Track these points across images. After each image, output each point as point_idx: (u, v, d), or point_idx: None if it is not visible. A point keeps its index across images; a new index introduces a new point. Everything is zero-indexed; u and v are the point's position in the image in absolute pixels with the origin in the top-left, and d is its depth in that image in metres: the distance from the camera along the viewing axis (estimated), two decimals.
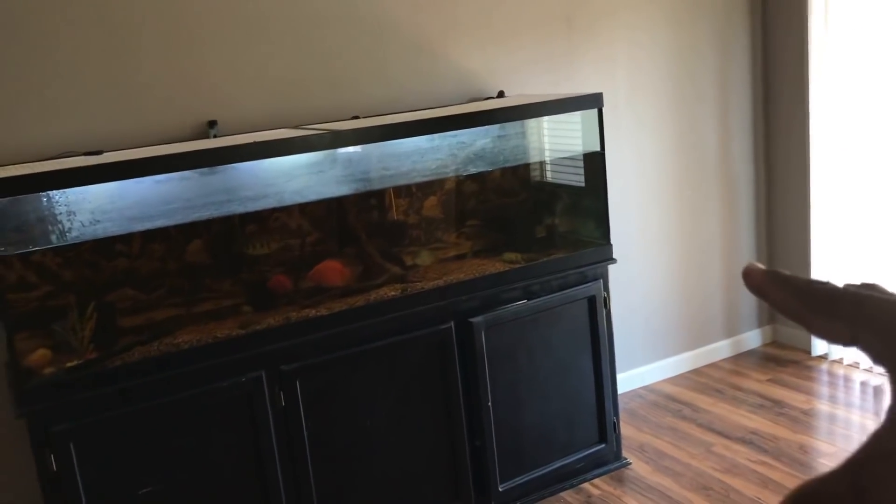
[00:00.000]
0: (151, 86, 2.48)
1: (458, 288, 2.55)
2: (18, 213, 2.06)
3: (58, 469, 2.04)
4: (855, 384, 3.41)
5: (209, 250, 2.49)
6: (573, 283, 2.73)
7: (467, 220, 2.90)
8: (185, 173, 2.26)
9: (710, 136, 3.61)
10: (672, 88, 3.46)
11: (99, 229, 2.13)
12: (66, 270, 2.30)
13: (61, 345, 2.20)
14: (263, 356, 2.26)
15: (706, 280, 3.73)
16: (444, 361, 2.52)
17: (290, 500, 2.32)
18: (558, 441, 2.78)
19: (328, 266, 2.55)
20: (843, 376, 3.49)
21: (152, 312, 2.39)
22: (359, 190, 2.62)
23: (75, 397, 2.06)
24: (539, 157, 2.96)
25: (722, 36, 3.56)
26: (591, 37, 3.24)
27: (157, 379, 2.14)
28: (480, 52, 3.00)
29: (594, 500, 2.74)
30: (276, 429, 2.27)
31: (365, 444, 2.43)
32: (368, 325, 2.41)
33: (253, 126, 2.61)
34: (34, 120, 2.35)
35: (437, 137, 2.64)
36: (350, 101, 2.78)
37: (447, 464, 2.58)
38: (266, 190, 2.44)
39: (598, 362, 2.81)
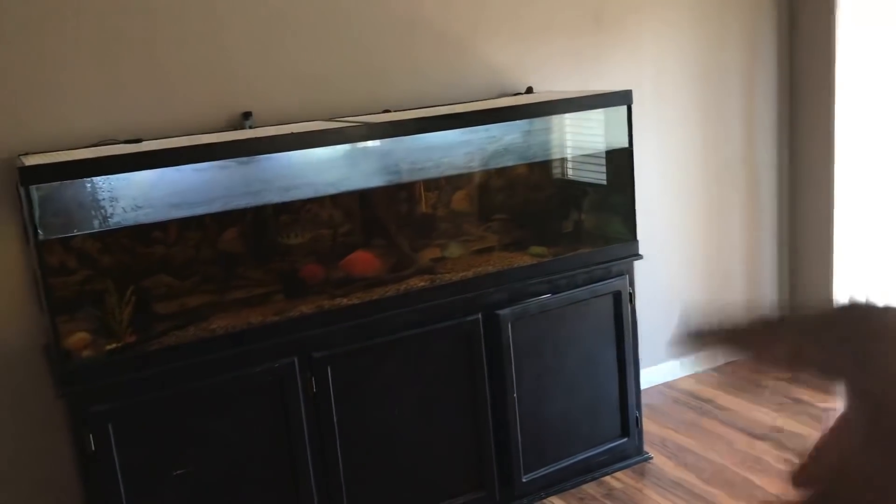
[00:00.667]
0: (189, 77, 2.53)
1: (486, 280, 2.58)
2: (62, 199, 2.11)
3: (96, 449, 2.09)
4: None
5: (243, 239, 2.54)
6: (599, 278, 2.76)
7: (494, 214, 2.93)
8: (221, 163, 2.30)
9: (734, 136, 3.63)
10: (698, 87, 3.48)
11: (140, 215, 2.18)
12: (105, 256, 2.36)
13: (99, 328, 2.25)
14: (296, 343, 2.30)
15: (728, 277, 3.74)
16: (471, 352, 2.55)
17: (318, 485, 2.36)
18: (581, 434, 2.81)
19: (359, 256, 2.59)
20: None
21: (186, 299, 2.44)
22: (389, 182, 2.66)
23: (114, 379, 2.12)
24: (566, 152, 2.99)
25: (748, 34, 3.57)
26: (619, 34, 3.26)
27: (193, 363, 2.19)
28: (510, 48, 3.03)
29: (616, 493, 2.77)
30: (306, 414, 2.32)
31: (392, 431, 2.47)
32: (398, 314, 2.45)
33: (286, 118, 2.65)
34: (75, 108, 2.40)
35: (466, 132, 2.67)
36: (381, 94, 2.82)
37: (472, 454, 2.61)
38: (299, 181, 2.48)
39: (622, 357, 2.84)
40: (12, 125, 2.33)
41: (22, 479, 2.47)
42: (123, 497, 2.12)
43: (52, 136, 2.37)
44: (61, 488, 2.51)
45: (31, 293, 2.41)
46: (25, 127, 2.34)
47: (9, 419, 2.43)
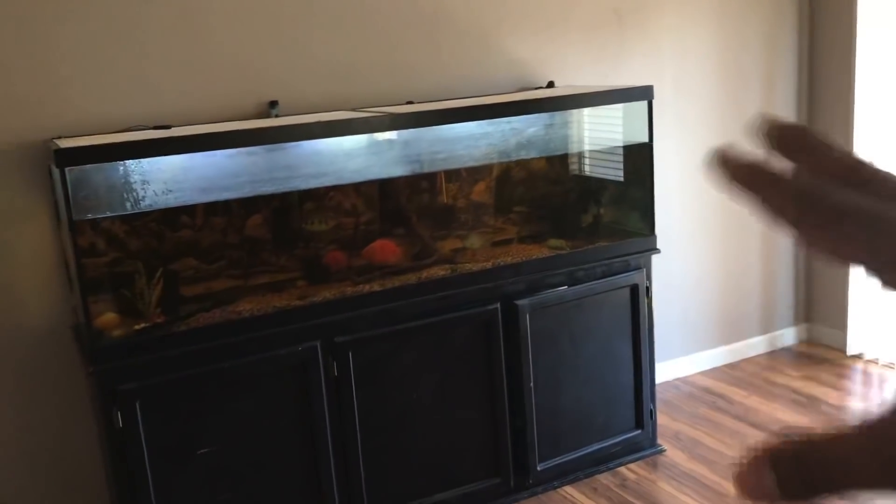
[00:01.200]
0: (217, 66, 2.58)
1: (506, 271, 2.62)
2: (95, 182, 2.17)
3: (123, 426, 2.15)
4: (890, 384, 3.44)
5: (268, 225, 2.59)
6: (617, 271, 2.79)
7: (514, 207, 2.97)
8: (249, 150, 2.36)
9: (752, 134, 3.64)
10: (717, 84, 3.51)
11: (170, 199, 2.23)
12: (133, 239, 2.41)
13: (127, 309, 2.31)
14: (319, 327, 2.35)
15: (744, 276, 3.77)
16: (489, 341, 2.59)
17: (338, 466, 2.41)
18: (596, 425, 2.85)
19: (381, 245, 2.63)
20: (878, 375, 3.51)
21: (212, 282, 2.49)
22: (411, 172, 2.70)
23: (142, 359, 2.17)
24: (586, 147, 3.03)
25: (768, 33, 3.59)
26: (640, 31, 3.29)
27: (219, 345, 2.24)
28: (532, 42, 3.07)
29: (629, 483, 2.81)
30: (328, 397, 2.37)
31: (411, 416, 2.52)
32: (418, 302, 2.49)
33: (311, 108, 2.70)
34: (105, 95, 2.45)
35: (488, 124, 2.71)
36: (404, 86, 2.86)
37: (488, 441, 2.65)
38: (324, 169, 2.54)
39: (638, 350, 2.88)
40: (43, 110, 2.38)
41: (46, 455, 2.53)
42: (149, 473, 2.18)
43: (81, 122, 2.43)
44: (84, 464, 2.58)
45: (59, 274, 2.47)
46: (56, 112, 2.40)
47: (37, 397, 2.49)
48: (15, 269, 2.43)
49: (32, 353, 2.47)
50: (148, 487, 2.19)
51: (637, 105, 2.83)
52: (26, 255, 2.44)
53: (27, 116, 2.37)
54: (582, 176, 3.10)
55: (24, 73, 2.35)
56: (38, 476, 2.53)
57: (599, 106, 2.84)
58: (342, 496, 2.43)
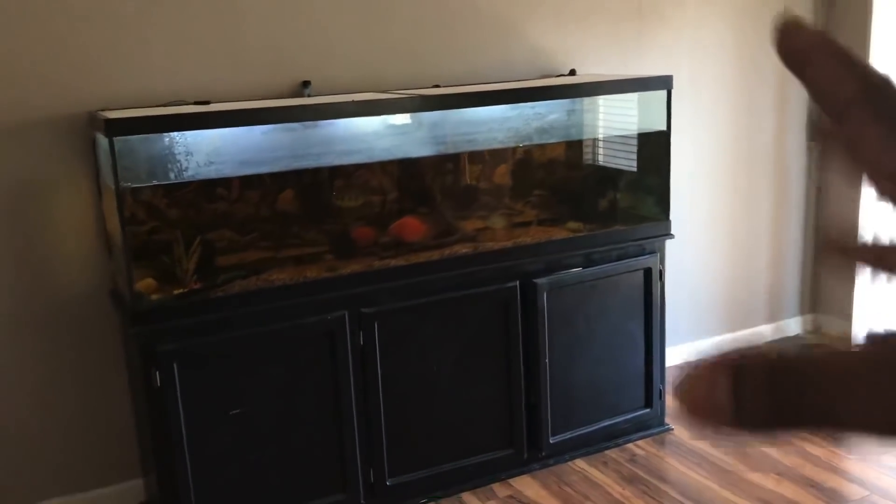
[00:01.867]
0: (254, 45, 2.69)
1: (525, 250, 2.73)
2: (140, 152, 2.28)
3: (161, 385, 2.26)
4: None
5: (299, 200, 2.70)
6: (632, 255, 2.90)
7: (534, 190, 3.07)
8: (282, 127, 2.47)
9: (766, 126, 3.74)
10: (733, 77, 3.60)
11: (210, 171, 2.34)
12: (172, 209, 2.52)
13: (165, 276, 2.42)
14: (347, 298, 2.46)
15: (752, 265, 3.86)
16: (507, 317, 2.70)
17: (361, 431, 2.53)
18: (607, 402, 2.96)
19: (407, 222, 2.74)
20: None
21: (244, 253, 2.60)
22: (437, 153, 2.81)
23: (180, 322, 2.29)
24: (605, 134, 3.13)
25: None
26: (660, 23, 3.38)
27: (253, 311, 2.35)
28: (555, 31, 3.16)
29: (638, 458, 2.92)
30: (353, 365, 2.48)
31: (431, 387, 2.63)
32: (441, 277, 2.60)
33: (342, 89, 2.80)
34: (146, 70, 2.56)
35: (511, 109, 2.81)
36: (431, 71, 2.96)
37: (503, 413, 2.77)
38: (354, 147, 2.64)
39: (650, 331, 2.98)
40: (86, 83, 2.49)
41: (81, 413, 2.65)
42: (184, 431, 2.30)
43: (123, 96, 2.53)
44: (116, 422, 2.70)
45: (99, 241, 2.58)
46: (99, 86, 2.50)
47: (74, 358, 2.61)
48: (57, 236, 2.54)
49: (72, 315, 2.59)
50: (182, 444, 2.31)
51: (655, 94, 2.93)
52: (68, 222, 2.55)
53: (72, 89, 2.48)
54: (600, 162, 3.20)
55: (69, 47, 2.46)
56: (73, 431, 2.65)
57: (620, 94, 2.93)
58: (364, 459, 2.55)
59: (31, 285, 2.53)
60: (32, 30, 2.41)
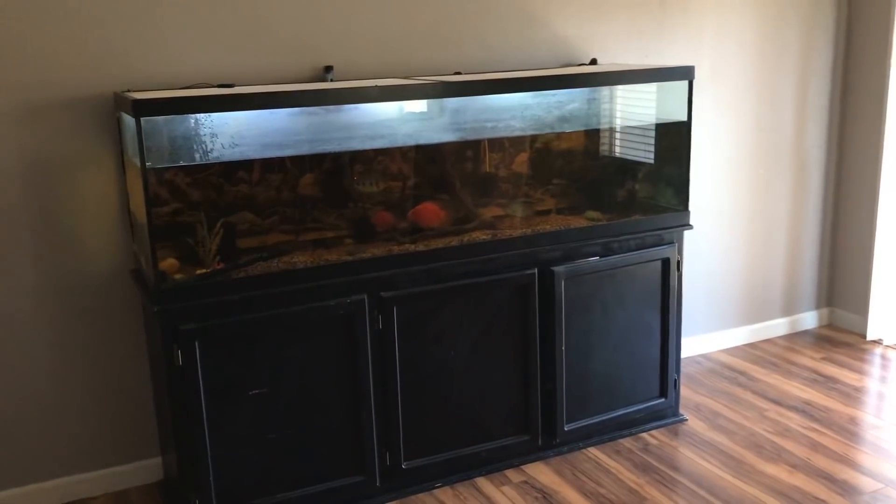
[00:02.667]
0: (277, 30, 2.70)
1: (544, 238, 2.74)
2: (165, 133, 2.30)
3: (182, 363, 2.29)
4: None
5: (319, 185, 2.72)
6: (650, 245, 2.90)
7: (553, 178, 3.08)
8: (304, 111, 2.48)
9: (786, 119, 3.73)
10: (754, 69, 3.59)
11: (235, 153, 2.36)
12: (195, 190, 2.55)
13: (187, 256, 2.45)
14: (366, 282, 2.48)
15: (769, 258, 3.86)
16: (525, 304, 2.72)
17: (378, 414, 2.55)
18: (622, 391, 2.97)
19: (427, 207, 2.76)
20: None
21: (265, 236, 2.62)
22: (457, 140, 2.82)
23: (203, 301, 2.31)
24: (625, 123, 3.13)
25: (806, 22, 3.66)
26: (681, 14, 3.37)
27: (274, 292, 2.37)
28: (576, 20, 3.16)
29: (651, 448, 2.93)
30: (372, 348, 2.50)
31: (447, 371, 2.65)
32: (460, 263, 2.62)
33: (365, 74, 2.81)
34: (170, 52, 2.58)
35: (532, 97, 2.82)
36: (453, 58, 2.97)
37: (519, 399, 2.78)
38: (374, 132, 2.66)
39: (666, 321, 2.99)
40: (112, 64, 2.51)
41: (101, 389, 2.69)
42: (203, 409, 2.33)
43: (148, 77, 2.55)
44: (136, 398, 2.74)
45: (122, 220, 2.61)
46: (124, 66, 2.52)
47: (96, 335, 2.65)
48: (80, 215, 2.57)
49: (93, 294, 2.62)
50: (202, 423, 2.33)
51: (676, 85, 2.92)
52: (91, 201, 2.58)
53: (97, 70, 2.50)
54: (619, 151, 3.20)
55: (95, 28, 2.48)
56: (93, 409, 2.69)
57: (641, 84, 2.93)
58: (381, 441, 2.58)
59: (55, 263, 2.56)
60: (60, 11, 2.43)
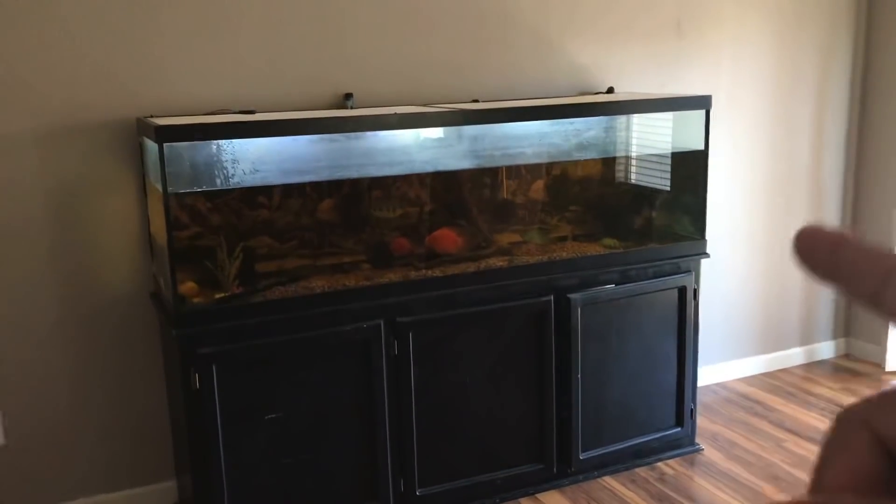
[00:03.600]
0: (298, 57, 2.74)
1: (560, 265, 2.74)
2: (187, 159, 2.33)
3: (200, 387, 2.30)
4: None
5: (337, 210, 2.74)
6: (667, 273, 2.90)
7: (570, 206, 3.09)
8: (323, 138, 2.51)
9: (803, 148, 3.73)
10: (770, 98, 3.60)
11: (256, 178, 2.39)
12: (214, 215, 2.57)
13: (205, 280, 2.47)
14: (383, 307, 2.49)
15: (786, 287, 3.84)
16: (541, 331, 2.72)
17: (393, 440, 2.55)
18: (638, 420, 2.95)
19: (444, 234, 2.77)
20: None
21: (284, 261, 2.64)
22: (474, 167, 2.84)
23: (221, 326, 2.33)
24: (642, 151, 3.14)
25: (823, 51, 3.67)
26: (699, 42, 3.39)
27: (292, 317, 2.39)
28: (594, 49, 3.19)
29: (667, 478, 2.91)
30: (387, 373, 2.50)
31: (463, 398, 2.65)
32: (476, 290, 2.63)
33: (384, 101, 2.84)
34: (192, 78, 2.62)
35: (548, 125, 2.84)
36: (471, 86, 2.99)
37: (534, 427, 2.77)
38: (392, 159, 2.68)
39: (683, 350, 2.98)
40: (136, 90, 2.55)
41: (118, 411, 2.70)
42: (220, 433, 2.33)
43: (171, 103, 2.59)
44: (153, 421, 2.74)
45: (142, 243, 2.64)
46: (147, 92, 2.56)
47: (114, 357, 2.66)
48: (102, 237, 2.60)
49: (112, 316, 2.64)
50: (218, 446, 2.34)
51: (693, 114, 2.93)
52: (113, 224, 2.61)
53: (121, 96, 2.54)
54: (636, 179, 3.21)
55: (119, 55, 2.52)
56: (110, 430, 2.70)
57: (658, 112, 2.95)
58: (395, 468, 2.57)
59: (75, 284, 2.58)
60: (86, 38, 2.47)
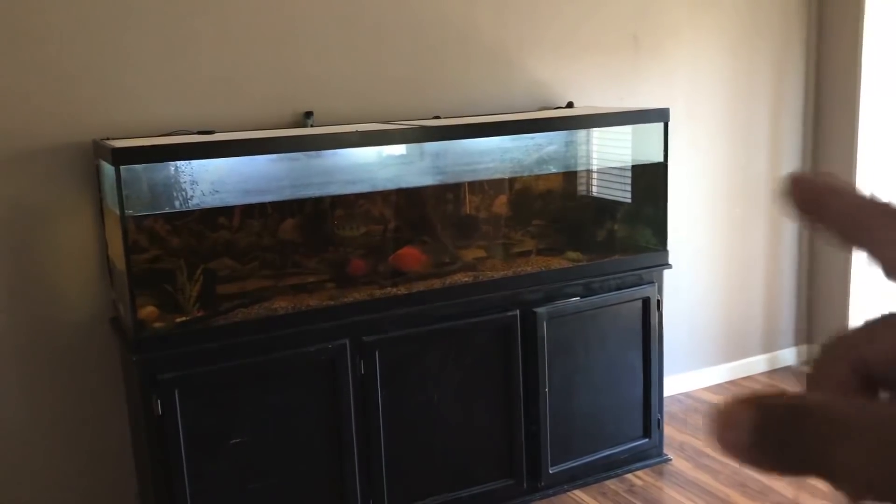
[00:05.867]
0: (256, 76, 2.72)
1: (525, 279, 2.74)
2: (143, 180, 2.29)
3: (162, 413, 2.26)
4: None
5: (300, 229, 2.72)
6: (630, 284, 2.92)
7: (533, 220, 3.10)
8: (283, 157, 2.49)
9: (760, 158, 3.79)
10: (727, 109, 3.65)
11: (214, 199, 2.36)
12: (174, 237, 2.53)
13: (166, 304, 2.43)
14: (348, 326, 2.47)
15: (747, 296, 3.89)
16: (508, 346, 2.71)
17: (361, 460, 2.52)
18: (606, 432, 2.96)
19: (407, 252, 2.76)
20: None
21: (245, 282, 2.61)
22: (437, 183, 2.84)
23: (182, 350, 2.29)
24: (603, 164, 3.16)
25: (777, 63, 3.74)
26: (656, 56, 3.44)
27: (254, 339, 2.36)
28: (553, 64, 3.21)
29: (637, 489, 2.91)
30: (354, 393, 2.48)
31: (431, 415, 2.63)
32: (442, 306, 2.62)
33: (344, 119, 2.83)
34: (149, 100, 2.58)
35: (510, 140, 2.85)
36: (432, 103, 3.00)
37: (503, 443, 2.76)
38: (354, 177, 2.67)
39: (648, 361, 2.99)
40: (90, 112, 2.51)
41: (79, 441, 2.63)
42: (184, 459, 2.29)
43: (128, 125, 2.56)
44: (114, 450, 2.68)
45: (101, 268, 2.59)
46: (104, 115, 2.52)
47: (73, 385, 2.60)
48: (58, 262, 2.55)
49: (71, 342, 2.59)
50: (182, 473, 2.29)
51: (652, 126, 2.97)
52: (70, 248, 2.56)
53: (75, 118, 2.50)
54: (598, 192, 3.23)
55: (73, 77, 2.48)
56: (71, 459, 2.63)
57: (617, 126, 2.98)
58: (364, 489, 2.54)
59: (32, 311, 2.52)
60: (37, 60, 2.43)
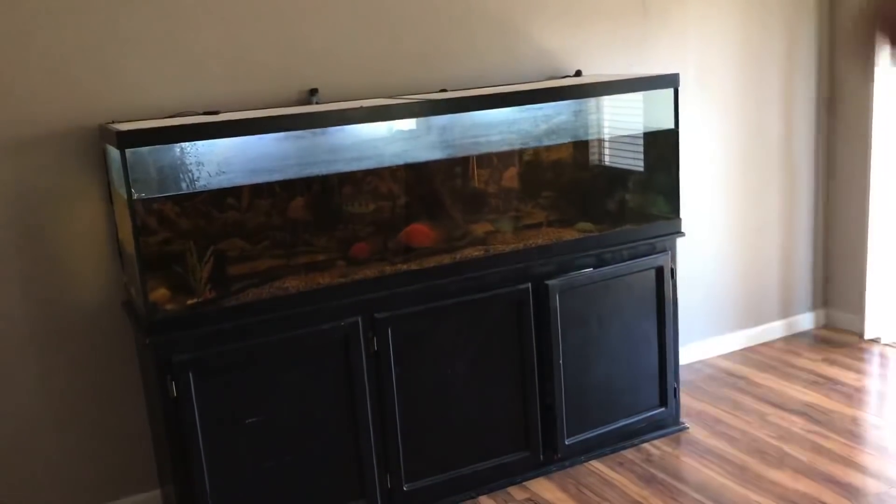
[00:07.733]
0: (260, 55, 2.69)
1: (536, 252, 2.73)
2: (150, 163, 2.28)
3: (177, 395, 2.27)
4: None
5: (309, 208, 2.70)
6: (643, 254, 2.89)
7: (543, 192, 3.07)
8: (290, 135, 2.46)
9: (774, 122, 3.73)
10: (739, 73, 3.59)
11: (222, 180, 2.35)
12: (183, 219, 2.53)
13: (177, 286, 2.43)
14: (360, 304, 2.46)
15: (763, 262, 3.86)
16: (521, 319, 2.70)
17: (377, 436, 2.53)
18: (622, 402, 2.95)
19: (416, 228, 2.74)
20: (895, 358, 3.60)
21: (256, 262, 2.60)
22: (445, 157, 2.81)
23: (195, 331, 2.29)
24: (613, 133, 3.12)
25: (790, 25, 3.67)
26: (665, 21, 3.38)
27: (267, 319, 2.36)
28: (561, 33, 3.16)
29: (654, 458, 2.91)
30: (368, 370, 2.48)
31: (445, 390, 2.63)
32: (454, 281, 2.60)
33: (350, 95, 2.80)
34: (154, 81, 2.56)
35: (518, 111, 2.81)
36: (438, 76, 2.96)
37: (518, 415, 2.76)
38: (362, 153, 2.64)
39: (663, 330, 2.98)
40: (98, 96, 2.50)
41: (95, 424, 2.65)
42: (200, 440, 2.30)
43: (134, 107, 2.54)
44: (131, 432, 2.70)
45: (111, 251, 2.59)
46: (109, 98, 2.51)
47: (88, 369, 2.62)
48: (69, 247, 2.55)
49: (85, 326, 2.60)
50: (199, 454, 2.31)
51: (662, 93, 2.92)
52: (79, 233, 2.56)
53: (83, 102, 2.49)
54: (609, 162, 3.19)
55: (80, 60, 2.47)
56: (89, 443, 2.66)
57: (626, 93, 2.93)
58: (380, 465, 2.55)
59: (44, 297, 2.53)
60: (42, 46, 2.42)
